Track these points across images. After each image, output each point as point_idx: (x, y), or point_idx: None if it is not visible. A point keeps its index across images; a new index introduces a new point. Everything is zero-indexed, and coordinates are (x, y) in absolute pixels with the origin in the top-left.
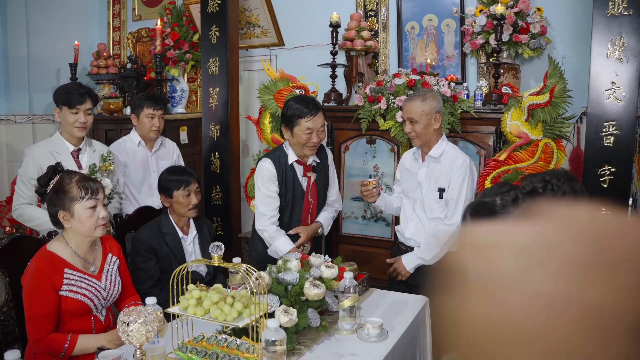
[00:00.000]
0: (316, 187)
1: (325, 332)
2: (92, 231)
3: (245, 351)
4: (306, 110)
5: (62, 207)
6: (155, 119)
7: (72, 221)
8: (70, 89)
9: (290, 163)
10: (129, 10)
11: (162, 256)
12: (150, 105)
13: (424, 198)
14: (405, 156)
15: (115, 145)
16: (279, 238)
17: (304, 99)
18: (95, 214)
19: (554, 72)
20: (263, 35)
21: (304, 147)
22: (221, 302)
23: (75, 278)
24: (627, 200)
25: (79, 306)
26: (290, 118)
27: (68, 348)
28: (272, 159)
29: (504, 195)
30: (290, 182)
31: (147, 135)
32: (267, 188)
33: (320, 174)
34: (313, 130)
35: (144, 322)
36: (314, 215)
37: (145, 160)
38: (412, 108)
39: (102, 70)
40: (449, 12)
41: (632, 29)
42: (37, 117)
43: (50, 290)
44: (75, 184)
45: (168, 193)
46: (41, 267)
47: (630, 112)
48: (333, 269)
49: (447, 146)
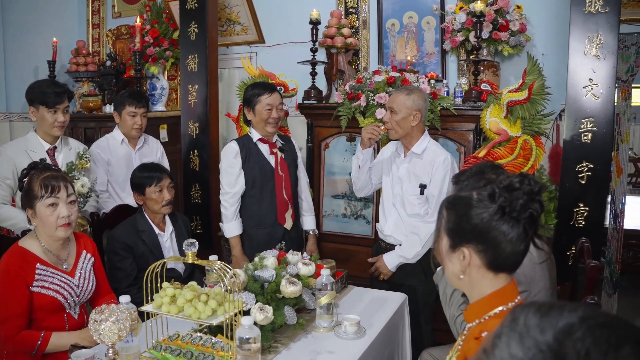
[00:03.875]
0: (286, 163)
1: (303, 329)
2: (53, 231)
3: (220, 349)
4: (263, 90)
5: (28, 205)
6: (137, 117)
7: (35, 220)
8: (46, 88)
9: (255, 142)
10: (109, 7)
11: (139, 254)
12: (132, 103)
13: (404, 194)
14: (386, 147)
15: (98, 144)
16: (231, 221)
17: (261, 82)
18: (55, 212)
19: (533, 69)
20: (243, 32)
21: (266, 125)
22: (195, 300)
23: (47, 274)
24: (605, 197)
25: (51, 302)
26: (251, 98)
27: (41, 345)
28: (236, 140)
29: (481, 190)
30: (255, 157)
31: (129, 133)
32: (229, 164)
33: (288, 153)
34: (272, 107)
35: (115, 320)
36: (288, 190)
37: (129, 158)
38: (396, 99)
39: (81, 68)
40: (429, 9)
41: (608, 27)
42: (14, 115)
43: (21, 287)
44: (39, 182)
45: (140, 190)
46: (12, 262)
47: (608, 108)
48: (310, 266)
49: (429, 143)
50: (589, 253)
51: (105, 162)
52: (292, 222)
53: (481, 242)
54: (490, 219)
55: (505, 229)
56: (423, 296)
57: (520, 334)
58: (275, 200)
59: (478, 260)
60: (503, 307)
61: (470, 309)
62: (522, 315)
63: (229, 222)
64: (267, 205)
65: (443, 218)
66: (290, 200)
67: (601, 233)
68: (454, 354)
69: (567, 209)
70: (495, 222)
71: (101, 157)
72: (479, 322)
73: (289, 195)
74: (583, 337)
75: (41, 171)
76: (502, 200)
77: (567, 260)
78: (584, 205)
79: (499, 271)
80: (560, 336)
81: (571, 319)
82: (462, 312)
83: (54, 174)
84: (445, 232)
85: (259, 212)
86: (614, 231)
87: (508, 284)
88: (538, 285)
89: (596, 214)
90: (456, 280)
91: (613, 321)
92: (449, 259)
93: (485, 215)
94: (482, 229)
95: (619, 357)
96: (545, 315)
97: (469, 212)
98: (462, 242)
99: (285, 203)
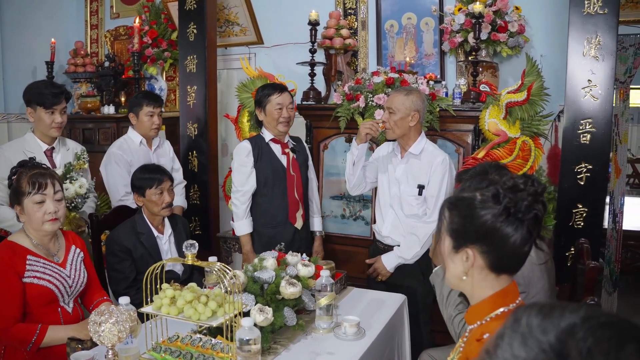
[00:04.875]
0: (297, 163)
1: (302, 331)
2: (39, 226)
3: (220, 350)
4: (273, 90)
5: (16, 202)
6: (154, 117)
7: (23, 216)
8: (43, 89)
9: (267, 142)
10: (107, 8)
11: (138, 257)
12: (149, 104)
13: (402, 194)
14: (382, 146)
15: (119, 145)
16: (242, 219)
17: (271, 83)
18: (42, 209)
19: (532, 70)
20: (242, 33)
21: (277, 124)
22: (195, 301)
23: (39, 264)
24: (603, 198)
25: (44, 292)
26: (262, 99)
27: (37, 338)
28: (249, 139)
29: (484, 191)
30: (267, 156)
31: (147, 134)
32: (241, 163)
33: (299, 154)
34: (283, 106)
35: (115, 322)
36: (299, 189)
37: (148, 159)
38: (394, 99)
39: (80, 69)
40: (428, 10)
41: (607, 28)
42: (12, 116)
43: (13, 278)
44: (26, 179)
45: (141, 192)
46: (2, 255)
47: (606, 110)
48: (310, 268)
49: (427, 144)
50: (588, 254)
51: (127, 163)
52: (302, 222)
53: (485, 243)
54: (495, 220)
55: (510, 230)
56: (422, 297)
57: (522, 335)
58: (287, 199)
59: (481, 261)
60: (504, 309)
61: (472, 310)
62: (524, 316)
63: (239, 220)
64: (279, 204)
65: (445, 219)
66: (301, 200)
67: (600, 234)
68: (456, 356)
69: (566, 209)
70: (500, 223)
71: (123, 159)
72: (481, 323)
73: (300, 195)
74: (585, 336)
75: (29, 169)
76: (507, 201)
77: (566, 261)
78: (583, 206)
79: (502, 272)
80: (563, 336)
81: (573, 319)
82: (459, 312)
83: (42, 171)
84: (448, 233)
85: (270, 211)
86: (613, 231)
87: (509, 285)
88: (536, 286)
89: (595, 215)
90: (458, 281)
91: (615, 321)
92: (452, 260)
93: (489, 216)
94: (487, 230)
95: (621, 357)
96: (547, 315)
97: (473, 212)
98: (465, 243)
99: (296, 203)
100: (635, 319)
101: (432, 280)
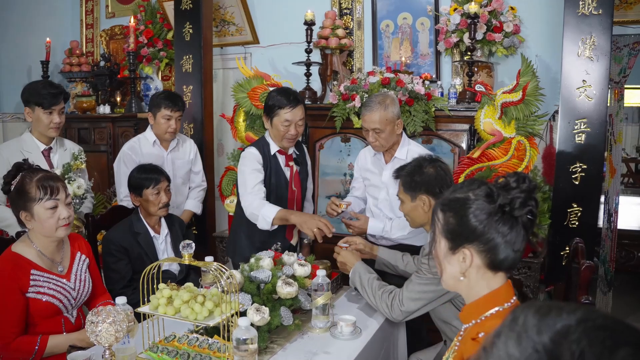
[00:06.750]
0: (299, 177)
1: (299, 330)
2: (53, 232)
3: (217, 350)
4: (286, 102)
5: (22, 207)
6: (172, 121)
7: (32, 222)
8: (42, 89)
9: (273, 153)
10: (102, 7)
11: (134, 256)
12: (168, 106)
13: (391, 198)
14: (363, 156)
15: (130, 145)
16: (263, 207)
17: (286, 90)
18: (55, 214)
19: (527, 70)
20: (238, 33)
21: (282, 139)
22: (192, 301)
23: (43, 279)
24: (598, 197)
25: (48, 307)
26: (271, 108)
27: (39, 350)
28: (256, 146)
29: (477, 191)
30: (273, 169)
31: (162, 136)
32: (253, 167)
33: (301, 167)
34: (291, 123)
35: (112, 322)
36: (298, 205)
37: (160, 159)
38: (376, 118)
39: (75, 68)
40: (423, 10)
41: (601, 28)
42: (7, 116)
43: (16, 293)
44: (35, 184)
45: (138, 192)
46: (5, 269)
47: (601, 110)
48: (306, 267)
49: (410, 145)
50: (582, 253)
51: (135, 164)
52: (297, 238)
53: (482, 242)
54: (491, 219)
55: (505, 229)
56: None
57: (518, 334)
58: None
59: (479, 260)
60: (499, 308)
61: (467, 309)
62: (521, 316)
63: (262, 208)
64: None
65: (439, 221)
66: None
67: (595, 233)
68: (451, 355)
69: (560, 209)
70: (495, 221)
71: (132, 159)
72: (476, 322)
73: (298, 210)
74: (579, 339)
75: (33, 172)
76: (502, 200)
77: (561, 261)
78: (578, 205)
79: (498, 271)
80: (557, 337)
81: (569, 320)
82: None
83: (49, 175)
84: (443, 234)
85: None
86: (607, 230)
87: (504, 285)
88: None
89: (590, 214)
90: (455, 282)
91: (611, 323)
92: (448, 261)
93: (484, 215)
94: (483, 229)
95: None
96: (544, 316)
97: (468, 212)
98: (462, 243)
99: None
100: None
101: (352, 284)
